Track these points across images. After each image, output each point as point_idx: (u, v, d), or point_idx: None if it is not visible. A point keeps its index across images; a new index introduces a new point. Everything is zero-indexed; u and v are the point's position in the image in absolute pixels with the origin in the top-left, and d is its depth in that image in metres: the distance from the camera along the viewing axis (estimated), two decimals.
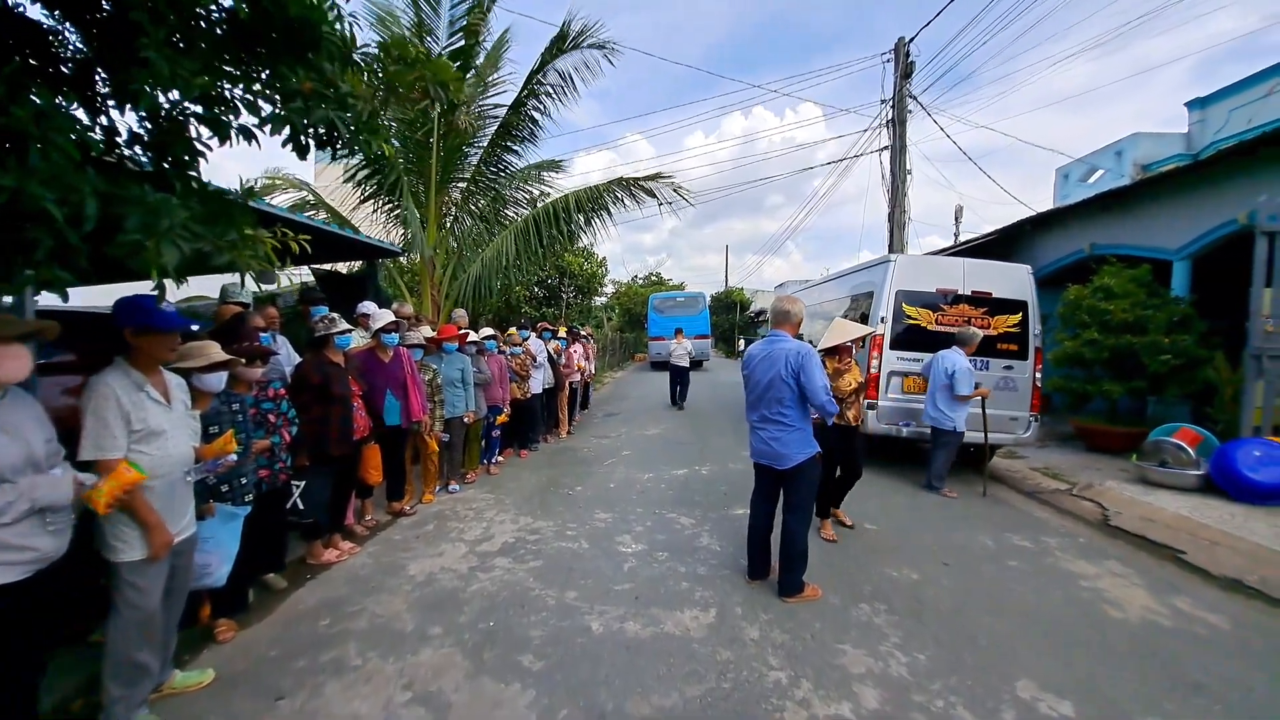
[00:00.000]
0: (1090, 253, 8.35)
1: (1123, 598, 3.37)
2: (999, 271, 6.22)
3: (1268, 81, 8.16)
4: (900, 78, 10.29)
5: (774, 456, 3.18)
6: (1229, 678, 2.56)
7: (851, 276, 7.76)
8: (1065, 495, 5.47)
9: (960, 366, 5.31)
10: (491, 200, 9.31)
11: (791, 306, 3.24)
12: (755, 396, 3.28)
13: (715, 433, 8.59)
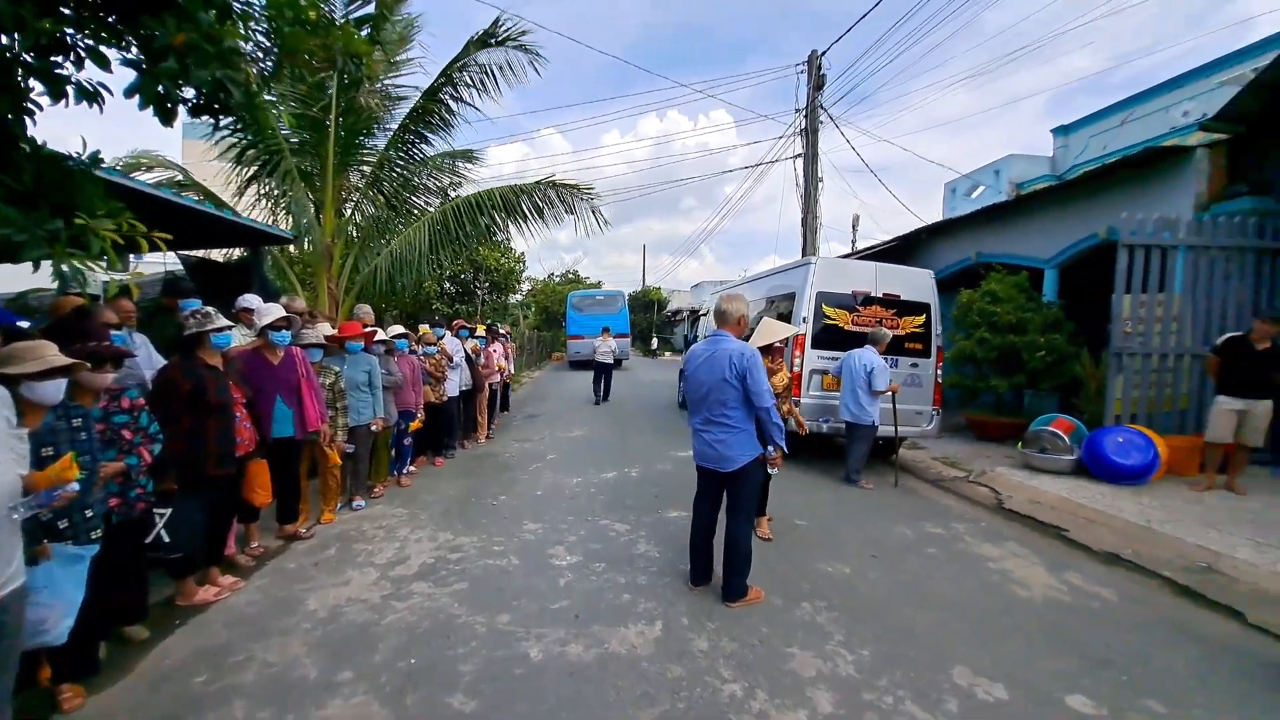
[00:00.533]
0: (976, 260, 9.20)
1: (1026, 577, 3.64)
2: (906, 275, 6.64)
3: (1120, 113, 9.46)
4: (813, 89, 10.78)
5: (718, 459, 3.10)
6: (1128, 650, 2.80)
7: (771, 278, 7.97)
8: (964, 482, 5.92)
9: (877, 364, 5.58)
10: (400, 188, 8.57)
11: (732, 305, 3.17)
12: (698, 398, 3.18)
13: (639, 432, 8.50)
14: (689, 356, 3.30)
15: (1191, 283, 5.72)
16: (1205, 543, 4.00)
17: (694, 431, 3.25)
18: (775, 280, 7.71)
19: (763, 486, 4.09)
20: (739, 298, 3.21)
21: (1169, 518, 4.48)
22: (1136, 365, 5.75)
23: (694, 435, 3.25)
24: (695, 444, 3.24)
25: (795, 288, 6.71)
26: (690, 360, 3.26)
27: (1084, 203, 7.35)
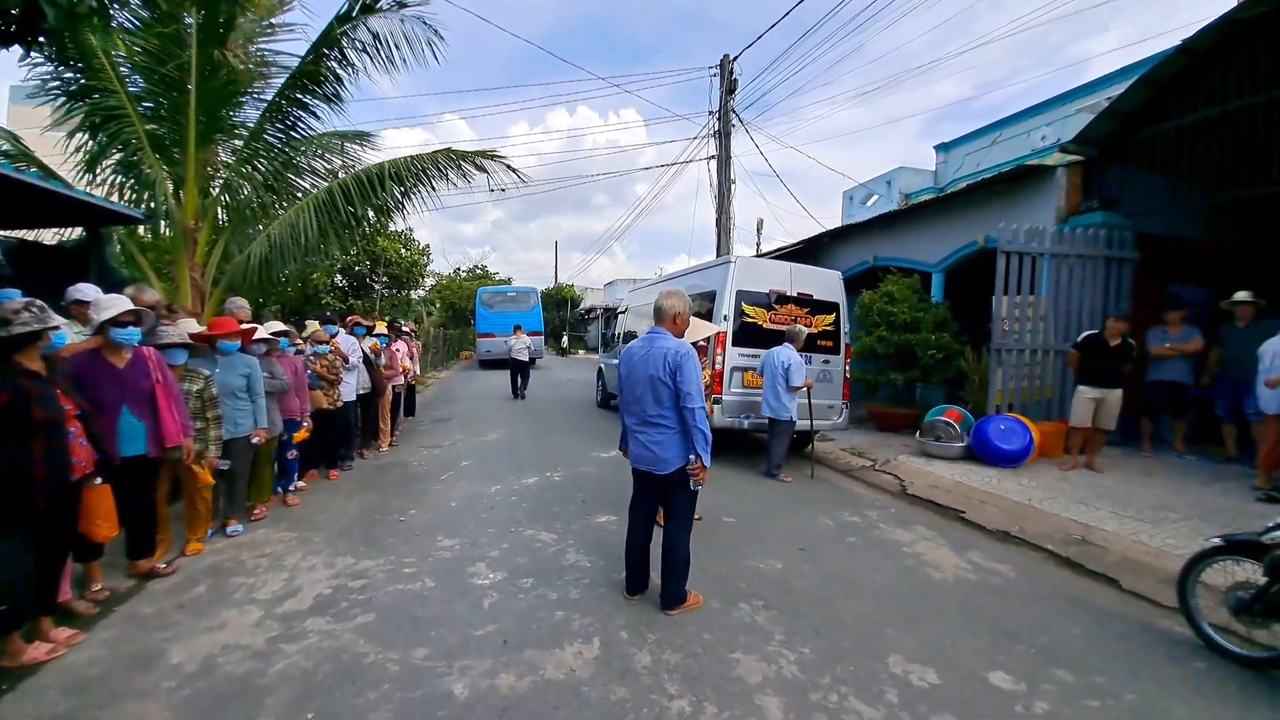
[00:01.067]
0: (874, 263, 9.87)
1: (937, 559, 3.86)
2: (818, 276, 6.93)
3: (990, 135, 10.61)
4: (725, 92, 11.02)
5: (653, 461, 2.95)
6: (1031, 622, 3.03)
7: (688, 277, 8.01)
8: (871, 471, 6.27)
9: (794, 361, 5.75)
10: (281, 167, 7.57)
11: (671, 302, 3.04)
12: (633, 398, 3.03)
13: (559, 433, 8.21)
14: (625, 354, 3.14)
15: (1055, 286, 6.47)
16: (1077, 517, 4.49)
17: (629, 432, 3.10)
18: (693, 279, 7.75)
19: None
20: (678, 294, 3.09)
21: (1045, 496, 5.00)
22: (1013, 360, 6.40)
23: (629, 436, 3.10)
24: (630, 445, 3.09)
25: (715, 286, 6.76)
26: (626, 358, 3.10)
27: (965, 213, 8.10)
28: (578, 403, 11.74)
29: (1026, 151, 9.53)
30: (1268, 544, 2.54)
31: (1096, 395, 5.51)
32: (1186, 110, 5.91)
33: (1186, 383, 5.87)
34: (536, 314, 20.65)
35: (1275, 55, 5.20)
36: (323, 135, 7.83)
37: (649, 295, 9.42)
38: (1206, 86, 5.75)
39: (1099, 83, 8.64)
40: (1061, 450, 6.09)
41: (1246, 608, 2.66)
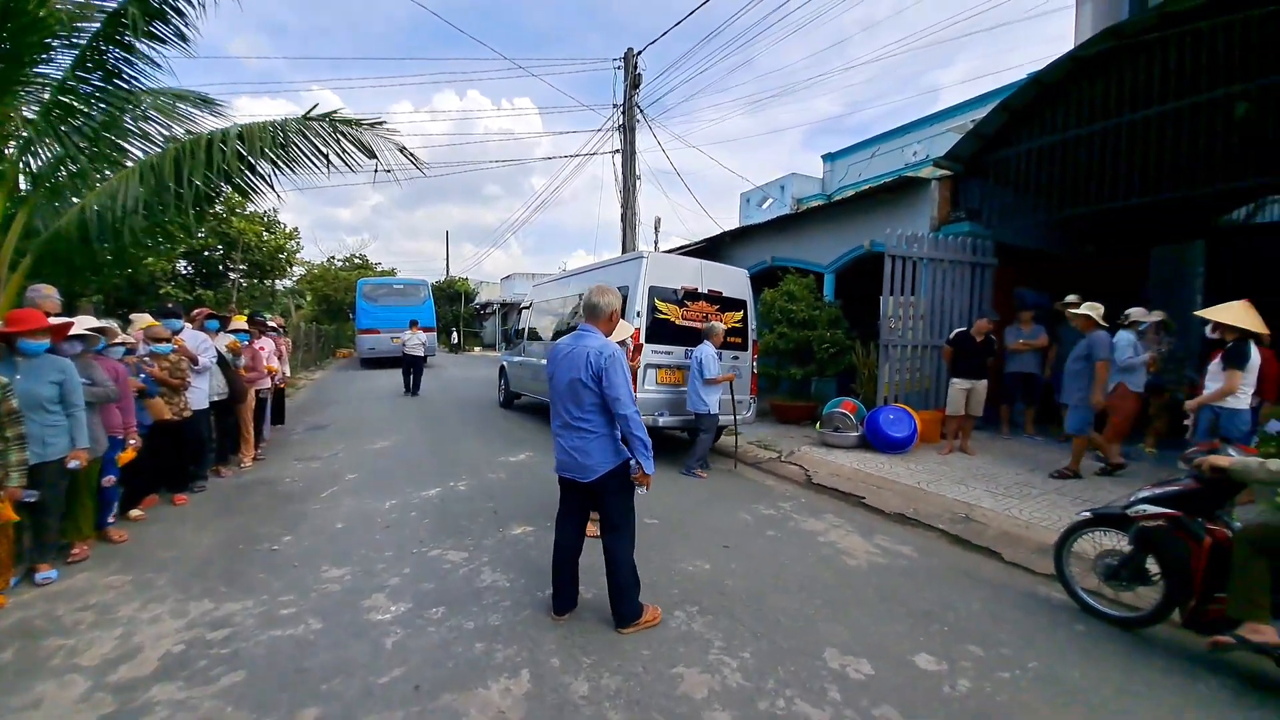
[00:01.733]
0: (772, 263, 10.34)
1: (849, 546, 4.03)
2: (727, 273, 7.04)
3: (870, 148, 11.56)
4: (630, 86, 10.92)
5: (577, 468, 2.73)
6: (938, 600, 3.22)
7: (596, 272, 7.81)
8: (777, 462, 6.51)
9: (708, 354, 5.80)
10: (102, 128, 6.16)
11: (606, 299, 2.83)
12: (556, 399, 2.80)
13: (461, 437, 7.62)
14: (551, 353, 2.88)
15: (931, 288, 7.13)
16: (960, 497, 4.95)
17: (553, 437, 2.87)
18: (601, 275, 7.56)
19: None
20: (612, 290, 2.88)
21: (931, 478, 5.46)
22: (898, 355, 6.96)
23: (553, 441, 2.87)
24: (555, 450, 2.86)
25: (626, 282, 6.62)
26: (552, 357, 2.85)
27: (853, 219, 8.72)
28: (478, 403, 11.06)
29: (901, 165, 10.51)
30: (1132, 516, 2.89)
31: (967, 386, 6.15)
32: (1035, 136, 6.79)
33: (1036, 374, 6.76)
34: (429, 308, 19.24)
35: (1106, 91, 6.11)
36: (156, 92, 6.50)
37: (554, 291, 9.07)
38: (1051, 116, 6.63)
39: (963, 106, 9.76)
40: (939, 436, 6.73)
41: (1114, 573, 3.01)
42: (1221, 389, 3.66)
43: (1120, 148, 6.09)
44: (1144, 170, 5.93)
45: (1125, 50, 5.82)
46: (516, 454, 6.62)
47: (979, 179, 7.42)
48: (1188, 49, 5.39)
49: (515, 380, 10.02)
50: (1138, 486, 3.20)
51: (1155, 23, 5.47)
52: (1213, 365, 3.75)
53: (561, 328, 8.36)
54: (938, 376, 7.19)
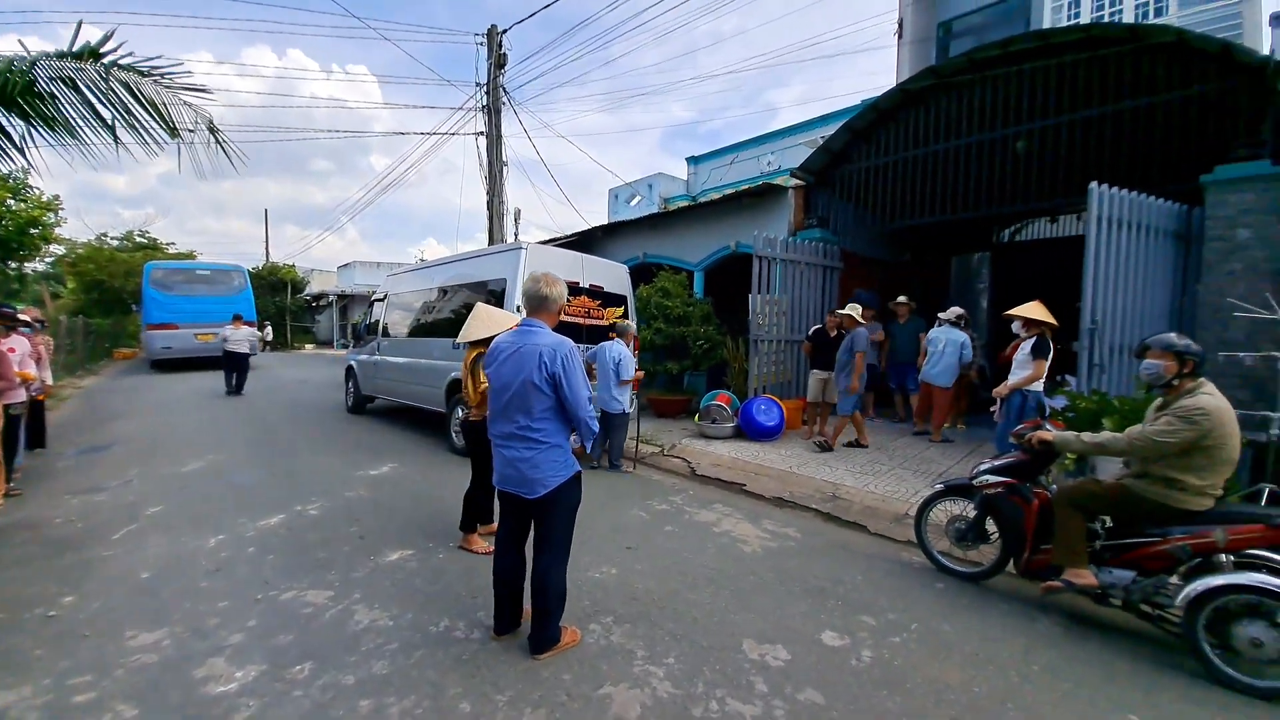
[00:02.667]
0: (644, 259, 10.51)
1: (742, 534, 4.19)
2: (607, 268, 6.96)
3: (730, 155, 12.29)
4: (494, 66, 10.29)
5: (522, 482, 2.45)
6: (827, 576, 3.47)
7: (464, 263, 7.23)
8: (661, 456, 6.61)
9: (625, 354, 5.75)
10: None
11: (552, 290, 2.54)
12: (500, 405, 2.49)
13: (304, 450, 6.54)
14: (492, 352, 2.54)
15: (791, 288, 7.76)
16: (826, 478, 5.45)
17: (494, 446, 2.56)
18: (470, 266, 7.02)
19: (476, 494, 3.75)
20: (559, 281, 2.60)
21: (800, 462, 5.95)
22: (765, 349, 7.47)
23: (494, 451, 2.56)
24: (495, 463, 2.55)
25: (503, 275, 6.21)
26: (493, 356, 2.53)
27: (720, 220, 9.19)
28: (322, 408, 9.64)
29: (757, 173, 11.37)
30: (977, 486, 3.37)
31: (824, 376, 6.80)
32: (870, 156, 7.72)
33: (875, 364, 7.70)
34: (247, 298, 16.33)
35: (926, 122, 7.13)
36: None
37: (414, 282, 8.21)
38: (883, 139, 7.58)
39: (811, 123, 10.83)
40: (800, 422, 7.37)
41: (963, 535, 3.50)
42: (1032, 375, 4.49)
43: (933, 171, 7.18)
44: (950, 192, 7.07)
45: (942, 88, 6.86)
46: (378, 466, 5.86)
47: (827, 190, 8.25)
48: (988, 92, 6.51)
49: (368, 382, 8.92)
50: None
51: (965, 66, 6.52)
52: (1020, 355, 4.58)
53: (426, 323, 7.60)
54: (798, 368, 7.87)
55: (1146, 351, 2.79)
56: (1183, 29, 5.10)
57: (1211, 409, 2.54)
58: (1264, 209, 4.67)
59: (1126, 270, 4.98)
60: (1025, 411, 4.51)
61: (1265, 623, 2.36)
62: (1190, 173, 5.26)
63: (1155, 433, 2.62)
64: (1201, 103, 5.21)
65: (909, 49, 9.68)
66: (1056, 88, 6.04)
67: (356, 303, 28.04)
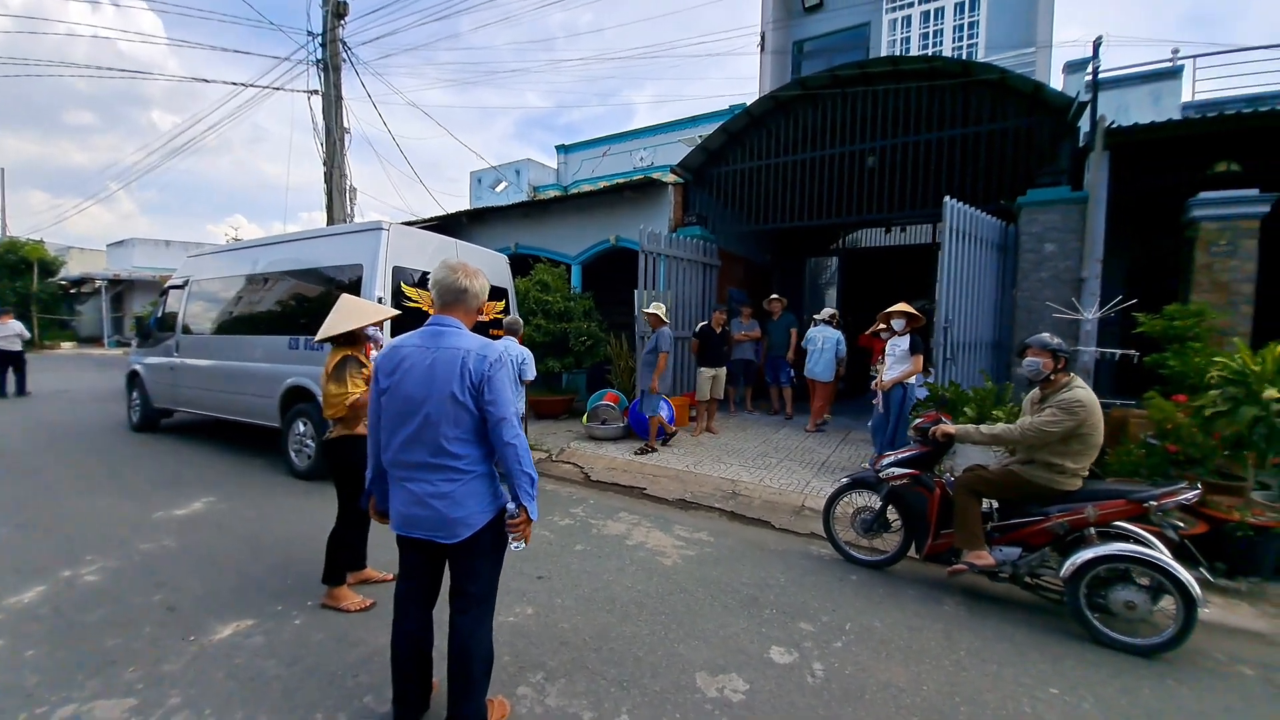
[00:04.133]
0: (516, 250, 9.82)
1: (657, 545, 3.95)
2: (485, 257, 6.25)
3: (602, 146, 11.97)
4: (333, 15, 8.77)
5: (439, 524, 1.87)
6: (754, 581, 3.37)
7: (307, 245, 5.99)
8: (550, 462, 6.14)
9: (527, 353, 5.16)
10: None
11: (473, 283, 1.95)
12: (405, 427, 1.88)
13: (71, 488, 4.87)
14: (386, 355, 1.92)
15: (673, 283, 7.73)
16: (723, 474, 5.45)
17: (392, 481, 1.94)
18: (309, 249, 5.83)
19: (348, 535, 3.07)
20: (479, 273, 2.01)
21: (695, 460, 5.90)
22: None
23: (392, 487, 1.94)
24: (395, 501, 1.94)
25: (359, 259, 5.23)
26: (390, 364, 1.91)
27: (599, 212, 8.89)
28: (94, 428, 7.41)
29: (630, 168, 11.26)
30: (883, 478, 3.51)
31: (712, 373, 6.88)
32: (742, 159, 7.99)
33: (754, 359, 8.02)
34: None
35: (792, 131, 7.53)
36: None
37: (226, 266, 6.62)
38: (755, 143, 7.88)
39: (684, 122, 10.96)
40: (688, 419, 7.39)
41: (869, 526, 3.64)
42: (911, 369, 4.89)
43: (798, 178, 7.65)
44: (812, 199, 7.55)
45: (809, 99, 7.29)
46: (186, 503, 4.56)
47: (704, 189, 8.39)
48: (846, 109, 7.06)
49: (163, 391, 7.05)
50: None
51: (829, 81, 6.99)
52: (897, 351, 4.98)
53: (247, 318, 6.18)
54: (682, 365, 7.89)
55: (1027, 350, 3.08)
56: (1005, 70, 5.96)
57: (1086, 401, 2.86)
58: (1065, 227, 5.65)
59: (968, 275, 5.69)
60: (906, 404, 4.92)
61: (1135, 587, 2.72)
62: (1008, 193, 6.20)
63: (1043, 424, 2.89)
64: (1016, 134, 6.16)
65: (771, 59, 10.28)
66: (905, 111, 6.75)
67: (137, 290, 22.69)
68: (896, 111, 6.82)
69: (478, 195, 13.26)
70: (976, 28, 9.07)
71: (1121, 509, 2.83)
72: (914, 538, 3.47)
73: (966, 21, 9.19)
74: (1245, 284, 4.94)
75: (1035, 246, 5.82)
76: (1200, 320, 4.59)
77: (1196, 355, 4.34)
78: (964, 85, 6.33)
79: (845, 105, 7.09)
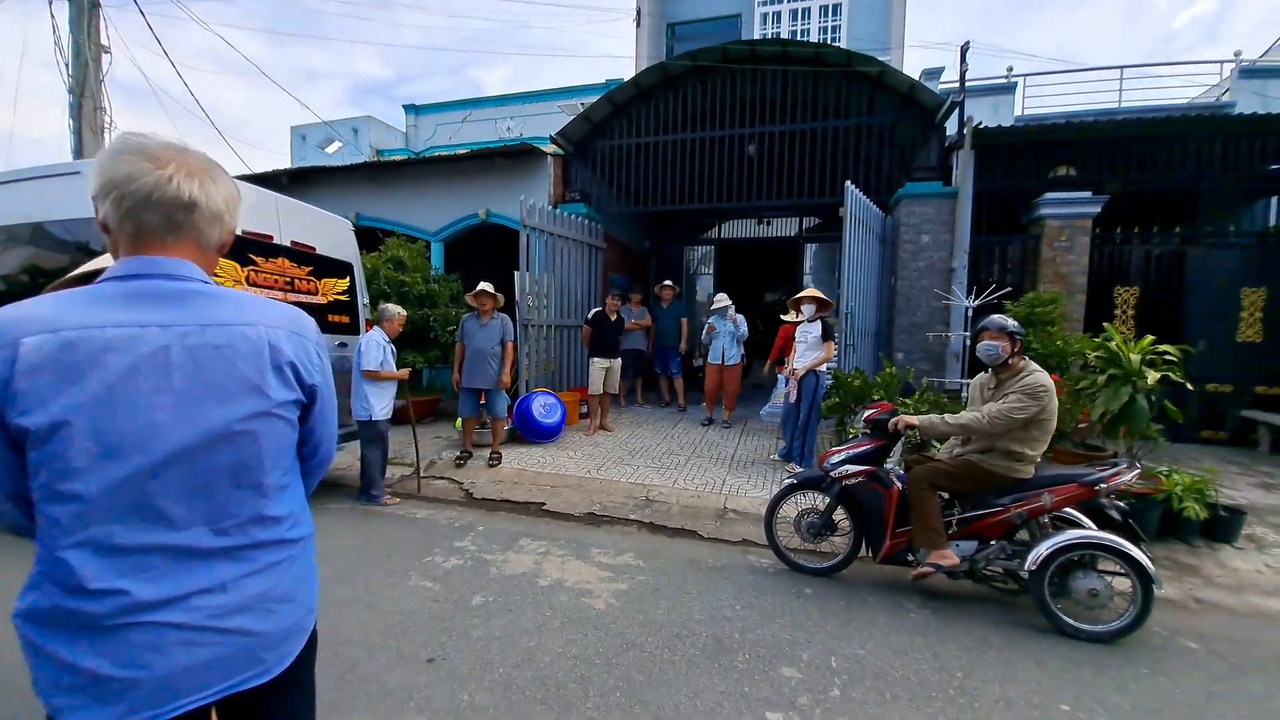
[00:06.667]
0: (357, 222, 8.14)
1: (579, 581, 3.18)
2: (321, 221, 4.81)
3: (461, 111, 10.48)
4: None
5: (247, 658, 0.94)
6: (707, 612, 2.78)
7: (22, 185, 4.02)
8: (418, 480, 4.97)
9: (371, 340, 4.25)
10: None
11: (205, 190, 0.92)
12: (145, 481, 0.85)
13: None
14: (65, 361, 0.82)
15: (556, 265, 6.86)
16: (631, 478, 4.82)
17: (93, 628, 0.83)
18: (38, 191, 3.92)
19: None
20: (214, 172, 0.96)
21: (596, 464, 5.19)
22: (535, 335, 6.43)
23: (95, 637, 0.83)
24: (142, 641, 0.84)
25: (77, 213, 3.57)
26: (76, 369, 0.82)
27: (466, 181, 7.67)
28: None
29: (495, 137, 10.01)
30: (836, 477, 3.15)
31: (606, 364, 6.19)
32: (625, 134, 7.39)
33: (643, 349, 7.49)
34: None
35: (678, 108, 7.11)
36: None
37: None
38: (637, 119, 7.32)
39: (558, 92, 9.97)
40: (577, 417, 6.63)
41: (817, 530, 3.27)
42: (824, 356, 4.68)
43: (681, 160, 7.29)
44: (694, 182, 7.23)
45: (697, 76, 6.91)
46: None
47: (585, 165, 7.64)
48: (731, 90, 6.82)
49: None
50: None
51: (720, 58, 6.67)
52: (810, 337, 4.75)
53: None
54: (566, 357, 7.09)
55: (984, 334, 2.90)
56: (885, 64, 6.13)
57: (1049, 385, 2.74)
58: (938, 219, 5.97)
59: (864, 262, 5.74)
60: (818, 392, 4.72)
61: (1096, 573, 2.65)
62: (881, 189, 6.43)
63: (1010, 410, 2.71)
64: (891, 131, 6.40)
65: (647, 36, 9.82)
66: (788, 100, 6.69)
67: None
68: (781, 100, 6.75)
69: (301, 156, 10.90)
70: (839, 31, 9.54)
71: (1075, 493, 2.76)
72: (867, 539, 3.17)
73: (830, 24, 9.64)
74: (1080, 275, 5.61)
75: (914, 238, 6.09)
76: (1056, 307, 5.06)
77: (1058, 339, 4.75)
78: (845, 77, 6.41)
79: (731, 87, 6.85)
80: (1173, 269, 5.83)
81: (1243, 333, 5.45)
